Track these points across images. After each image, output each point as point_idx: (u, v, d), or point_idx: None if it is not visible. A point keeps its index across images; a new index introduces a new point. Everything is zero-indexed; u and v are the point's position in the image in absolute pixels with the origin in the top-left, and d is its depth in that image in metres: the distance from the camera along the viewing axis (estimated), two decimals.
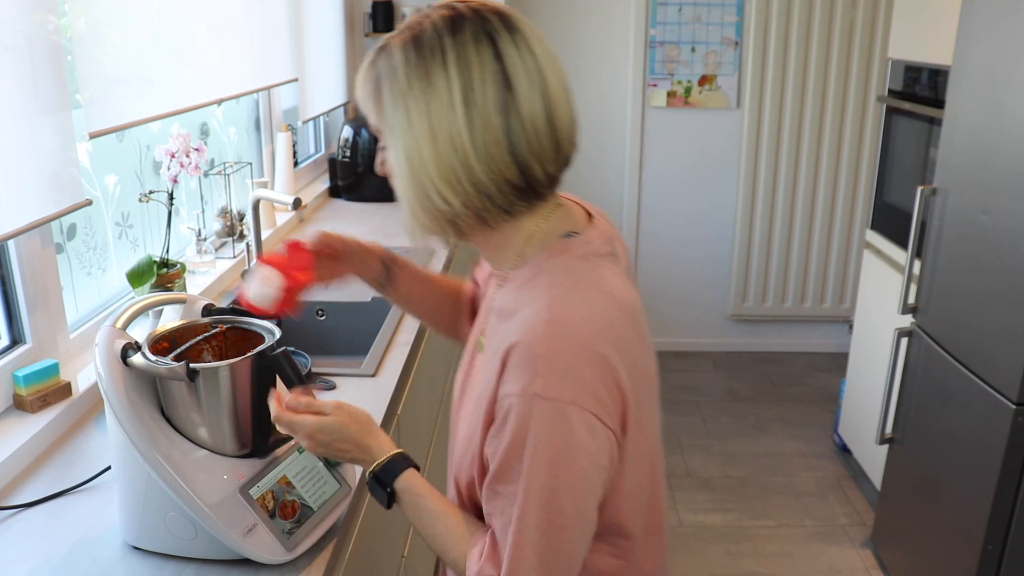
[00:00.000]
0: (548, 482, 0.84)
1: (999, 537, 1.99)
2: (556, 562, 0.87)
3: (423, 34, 0.86)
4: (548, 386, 0.83)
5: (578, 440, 0.84)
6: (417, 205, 0.90)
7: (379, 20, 3.57)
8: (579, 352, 0.84)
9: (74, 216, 1.70)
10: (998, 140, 1.98)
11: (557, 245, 0.94)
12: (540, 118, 0.87)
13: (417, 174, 0.87)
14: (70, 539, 1.18)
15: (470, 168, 0.86)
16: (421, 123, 0.86)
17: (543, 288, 0.90)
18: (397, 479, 0.98)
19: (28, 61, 1.34)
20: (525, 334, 0.85)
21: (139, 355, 1.09)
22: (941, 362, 2.22)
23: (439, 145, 0.85)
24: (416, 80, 0.85)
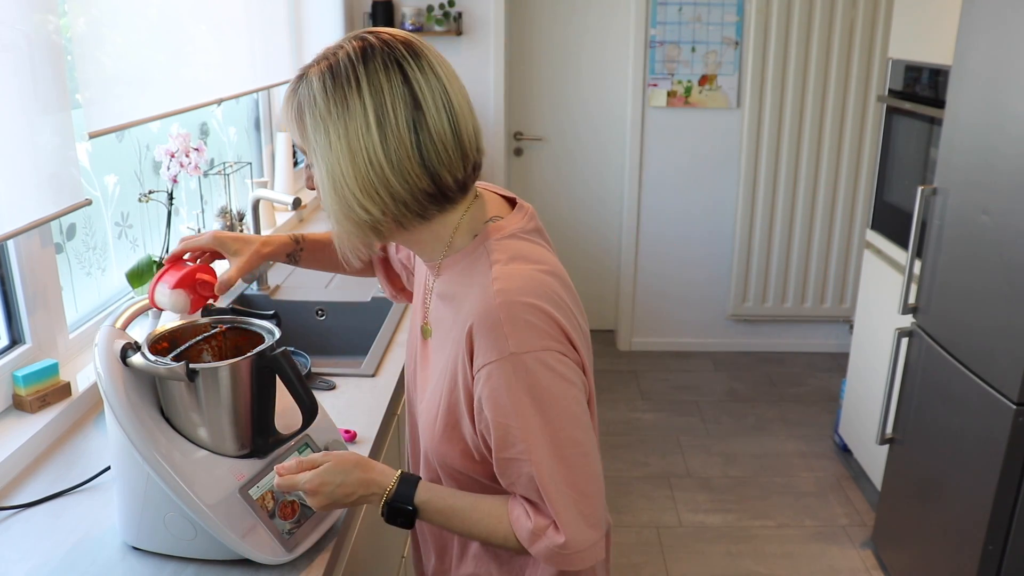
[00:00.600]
0: (548, 423, 0.96)
1: (999, 537, 1.99)
2: (589, 485, 0.99)
3: (338, 64, 0.95)
4: (520, 342, 0.94)
5: (558, 376, 0.96)
6: (342, 216, 0.98)
7: (379, 20, 3.57)
8: (530, 310, 0.96)
9: (74, 216, 1.69)
10: (998, 140, 1.98)
11: (487, 229, 1.04)
12: (447, 132, 0.97)
13: (340, 189, 0.96)
14: (70, 539, 1.18)
15: (386, 181, 0.95)
16: (340, 144, 0.95)
17: (484, 267, 1.00)
18: (415, 497, 1.03)
19: (28, 61, 1.34)
20: (482, 308, 0.96)
21: (139, 355, 1.09)
22: (941, 362, 2.22)
23: (358, 162, 0.94)
24: (334, 106, 0.94)
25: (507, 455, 0.97)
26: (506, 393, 0.95)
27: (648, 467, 3.23)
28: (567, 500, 0.97)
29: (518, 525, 1.00)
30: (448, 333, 1.03)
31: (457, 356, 0.99)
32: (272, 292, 2.18)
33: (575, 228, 4.16)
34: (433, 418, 1.05)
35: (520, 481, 0.98)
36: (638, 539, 2.80)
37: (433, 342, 1.09)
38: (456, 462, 1.05)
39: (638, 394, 3.81)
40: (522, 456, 0.96)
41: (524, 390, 0.94)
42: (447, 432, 1.04)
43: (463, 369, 0.99)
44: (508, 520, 1.01)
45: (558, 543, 0.97)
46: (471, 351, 0.97)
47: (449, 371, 1.02)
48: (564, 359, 0.97)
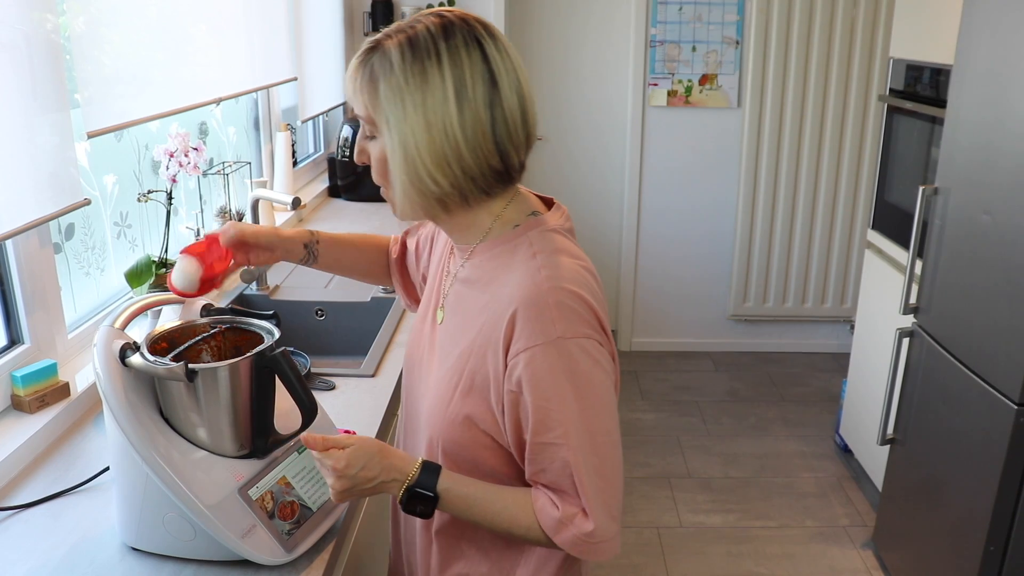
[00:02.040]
0: (584, 409, 0.97)
1: (1001, 538, 1.99)
2: (616, 477, 1.00)
3: (418, 36, 0.97)
4: (566, 328, 0.96)
5: (596, 364, 0.98)
6: (409, 185, 1.00)
7: (379, 19, 3.56)
8: (576, 299, 0.98)
9: (72, 216, 1.69)
10: (1000, 139, 1.97)
11: (528, 222, 1.06)
12: (517, 112, 1.00)
13: (411, 159, 0.98)
14: (68, 540, 1.18)
15: (460, 154, 0.98)
16: (416, 114, 0.96)
17: (526, 256, 1.02)
18: (437, 483, 1.02)
19: (26, 60, 1.34)
20: (529, 292, 0.97)
21: (138, 355, 1.09)
22: (943, 362, 2.22)
23: (433, 134, 0.96)
24: (412, 77, 0.96)
25: (543, 439, 0.97)
26: (550, 376, 0.96)
27: (648, 467, 3.22)
28: (597, 488, 0.97)
29: (544, 515, 1.00)
30: (474, 317, 1.04)
31: (487, 340, 1.00)
32: (271, 292, 2.17)
33: (575, 228, 4.15)
34: (446, 401, 1.05)
35: (552, 467, 0.98)
36: (638, 539, 2.80)
37: (448, 326, 1.10)
38: (466, 449, 1.05)
39: (638, 394, 3.81)
40: (559, 440, 0.97)
41: (566, 375, 0.96)
42: (461, 416, 1.03)
43: (493, 353, 0.99)
44: (532, 509, 1.01)
45: (586, 531, 0.97)
46: (510, 335, 0.97)
47: (474, 354, 1.02)
48: (602, 348, 1.00)
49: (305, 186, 3.27)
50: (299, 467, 1.20)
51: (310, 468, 1.21)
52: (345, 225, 2.86)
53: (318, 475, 1.22)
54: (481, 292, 1.05)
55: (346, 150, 3.16)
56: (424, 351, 1.14)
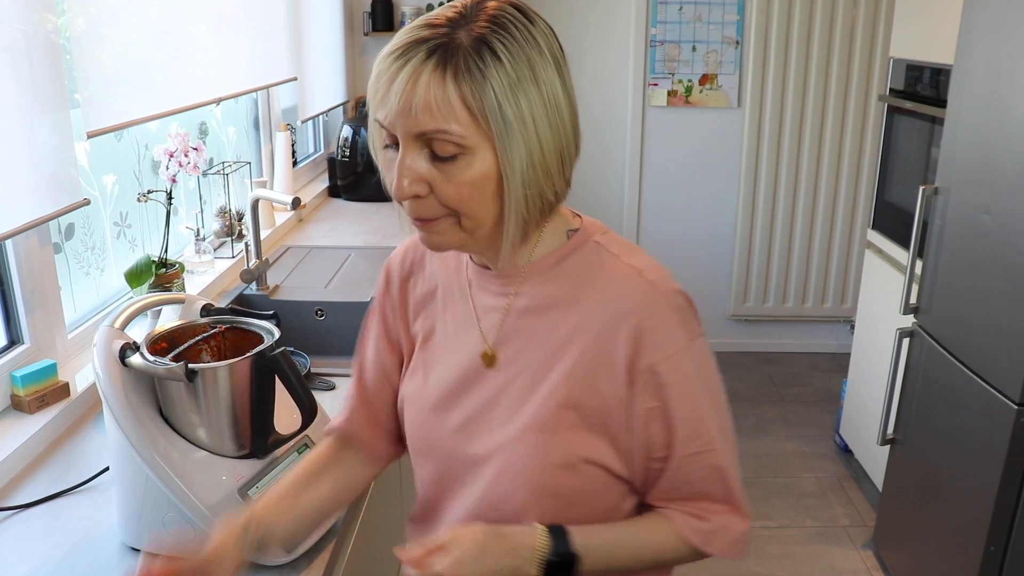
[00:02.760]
0: (718, 406, 0.92)
1: (1001, 538, 1.99)
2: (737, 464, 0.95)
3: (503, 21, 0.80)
4: (692, 329, 0.90)
5: (712, 360, 0.93)
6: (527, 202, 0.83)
7: (378, 19, 3.56)
8: (683, 297, 0.91)
9: (72, 216, 1.69)
10: (1000, 139, 1.97)
11: (584, 226, 0.95)
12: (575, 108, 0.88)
13: (537, 165, 0.82)
14: (68, 540, 1.18)
15: (572, 150, 0.86)
16: (536, 109, 0.80)
17: (610, 261, 0.91)
18: (573, 543, 0.88)
19: (26, 60, 1.34)
20: (647, 301, 0.88)
21: (137, 355, 1.09)
22: (943, 362, 2.22)
23: (555, 130, 0.82)
24: (521, 66, 0.80)
25: (692, 449, 0.90)
26: (692, 383, 0.89)
27: None
28: (738, 483, 0.94)
29: (691, 532, 0.92)
30: (564, 345, 0.89)
31: (595, 364, 0.88)
32: (271, 292, 2.17)
33: None
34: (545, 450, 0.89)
35: (698, 476, 0.92)
36: None
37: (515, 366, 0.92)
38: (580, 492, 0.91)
39: None
40: (708, 447, 0.91)
41: (702, 378, 0.91)
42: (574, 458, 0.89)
43: (608, 375, 0.88)
44: (673, 532, 0.93)
45: (742, 530, 0.94)
46: (634, 350, 0.87)
47: (576, 385, 0.88)
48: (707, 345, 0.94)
49: (305, 186, 3.27)
50: None
51: None
52: (345, 225, 2.86)
53: None
54: (564, 315, 0.90)
55: (346, 150, 3.16)
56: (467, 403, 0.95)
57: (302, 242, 2.65)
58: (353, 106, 3.54)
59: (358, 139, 3.15)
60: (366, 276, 2.31)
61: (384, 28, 3.57)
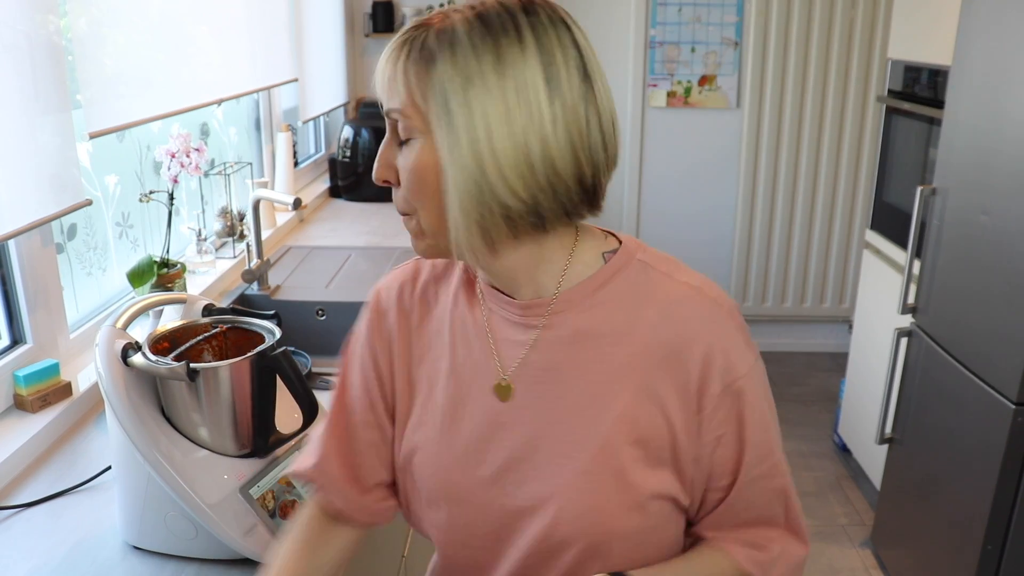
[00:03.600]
0: (777, 429, 0.88)
1: (999, 537, 1.99)
2: None
3: (488, 11, 0.76)
4: (751, 349, 0.86)
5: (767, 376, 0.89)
6: (473, 203, 0.76)
7: (379, 20, 3.57)
8: (738, 314, 0.87)
9: (74, 216, 1.70)
10: (998, 140, 1.98)
11: (627, 245, 0.88)
12: (610, 119, 0.80)
13: (481, 162, 0.74)
14: (70, 539, 1.18)
15: (549, 157, 0.75)
16: (491, 102, 0.74)
17: (662, 282, 0.85)
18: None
19: (28, 61, 1.34)
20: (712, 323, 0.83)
21: (139, 355, 1.09)
22: (941, 362, 2.22)
23: (515, 128, 0.74)
24: (485, 54, 0.74)
25: (758, 472, 0.86)
26: (763, 402, 0.86)
27: None
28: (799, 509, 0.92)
29: (752, 564, 0.87)
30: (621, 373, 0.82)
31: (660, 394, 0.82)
32: (272, 292, 2.18)
33: None
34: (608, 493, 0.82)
35: (761, 500, 0.87)
36: None
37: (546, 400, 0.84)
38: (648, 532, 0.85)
39: None
40: (773, 469, 0.87)
41: (766, 399, 0.87)
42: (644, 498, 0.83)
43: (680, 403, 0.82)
44: (732, 566, 0.87)
45: (802, 554, 0.91)
46: (706, 374, 0.81)
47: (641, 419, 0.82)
48: None
49: (306, 187, 3.28)
50: None
51: None
52: (345, 225, 2.86)
53: None
54: (616, 345, 0.83)
55: (347, 151, 3.17)
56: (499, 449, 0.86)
57: (303, 242, 2.66)
58: (354, 107, 3.55)
59: (359, 140, 3.15)
60: (367, 276, 2.31)
61: (385, 29, 3.57)
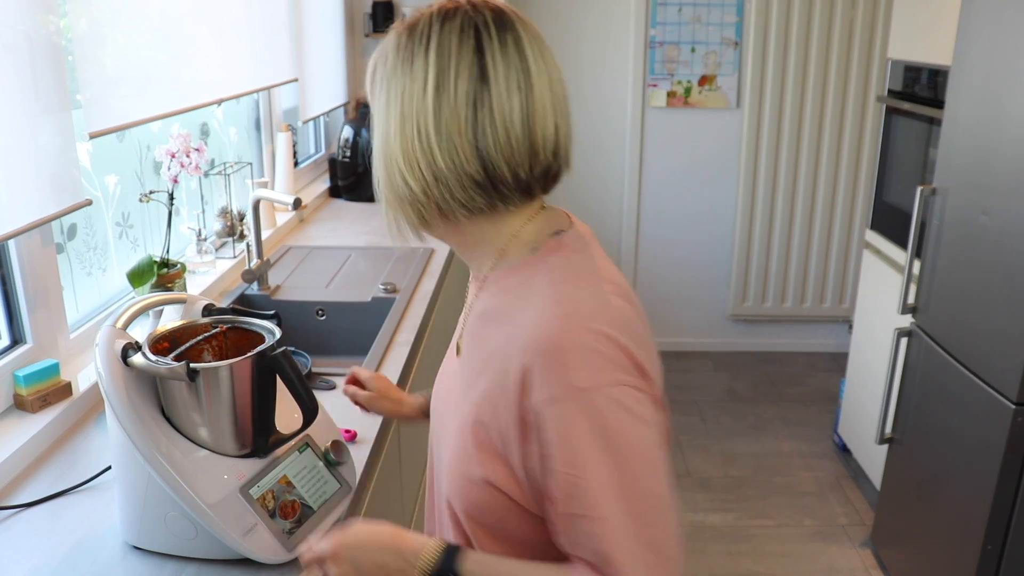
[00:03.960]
0: (622, 474, 0.80)
1: (999, 537, 1.99)
2: (668, 546, 0.82)
3: (418, 21, 0.88)
4: (586, 376, 0.80)
5: (632, 416, 0.81)
6: (385, 185, 0.91)
7: (379, 20, 3.57)
8: (597, 337, 0.82)
9: (74, 216, 1.70)
10: (998, 140, 1.98)
11: (550, 243, 0.91)
12: (515, 119, 0.85)
13: (386, 155, 0.89)
14: (70, 539, 1.19)
15: (431, 154, 0.85)
16: (396, 105, 0.87)
17: (543, 286, 0.87)
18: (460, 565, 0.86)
19: (28, 61, 1.34)
20: (540, 334, 0.82)
21: (139, 355, 1.09)
22: (941, 362, 2.22)
23: (406, 128, 0.86)
24: (400, 64, 0.88)
25: (570, 510, 0.81)
26: (573, 438, 0.80)
27: None
28: (640, 565, 0.79)
29: None
30: (488, 359, 0.88)
31: (501, 389, 0.84)
32: (272, 292, 2.18)
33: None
34: (461, 457, 0.89)
35: (587, 543, 0.81)
36: None
37: (467, 365, 0.95)
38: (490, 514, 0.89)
39: None
40: (588, 513, 0.80)
41: (593, 434, 0.79)
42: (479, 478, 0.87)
43: (505, 407, 0.84)
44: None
45: None
46: (524, 387, 0.82)
47: (486, 404, 0.86)
48: (639, 395, 0.83)
49: (306, 187, 3.28)
50: (300, 466, 1.21)
51: (311, 467, 1.22)
52: (345, 226, 2.87)
53: (319, 475, 1.22)
54: (497, 330, 0.89)
55: (347, 151, 3.17)
56: (449, 385, 1.00)
57: (303, 242, 2.66)
58: (354, 107, 3.55)
59: (359, 140, 3.16)
60: (367, 276, 2.31)
61: (385, 29, 3.57)
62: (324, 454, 1.25)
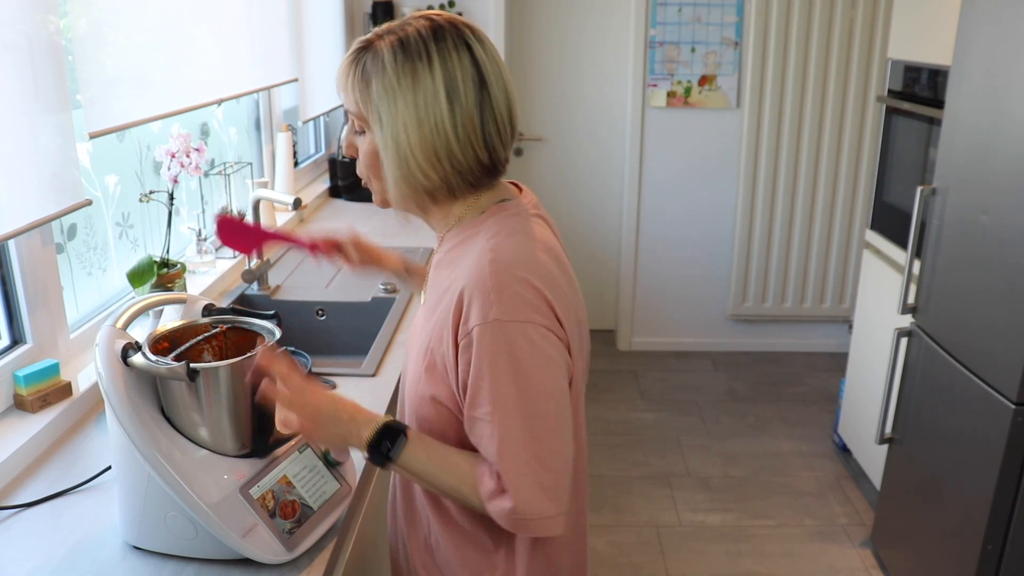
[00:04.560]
0: (520, 392, 0.99)
1: (998, 537, 1.99)
2: (553, 460, 1.01)
3: (408, 38, 1.03)
4: (504, 311, 0.98)
5: (539, 350, 0.99)
6: (401, 179, 1.06)
7: (379, 20, 3.57)
8: (520, 282, 1.00)
9: (74, 216, 1.70)
10: (998, 140, 1.98)
11: (493, 208, 1.10)
12: (504, 111, 1.06)
13: (403, 154, 1.04)
14: (70, 539, 1.19)
15: (450, 149, 1.03)
16: (408, 112, 1.02)
17: (483, 239, 1.06)
18: (408, 428, 1.06)
19: (29, 61, 1.34)
20: (475, 274, 1.01)
21: (139, 355, 1.09)
22: (941, 362, 2.22)
23: (424, 130, 1.02)
24: (404, 77, 1.02)
25: (474, 414, 1.01)
26: (484, 356, 0.98)
27: (648, 467, 3.23)
28: (524, 469, 0.99)
29: (482, 482, 1.02)
30: (440, 298, 1.08)
31: (444, 321, 1.03)
32: (272, 292, 2.18)
33: (575, 228, 4.16)
34: (415, 381, 1.10)
35: (482, 442, 1.02)
36: (638, 539, 2.80)
37: (426, 308, 1.15)
38: (434, 425, 1.09)
39: (638, 394, 3.82)
40: (487, 418, 0.99)
41: (502, 356, 0.98)
42: (428, 395, 1.07)
43: (448, 333, 1.02)
44: (474, 473, 1.03)
45: (506, 507, 1.00)
46: (458, 316, 1.01)
47: (434, 335, 1.05)
48: (548, 334, 1.01)
49: (306, 187, 3.28)
50: (300, 466, 1.21)
51: (311, 467, 1.22)
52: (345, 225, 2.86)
53: (319, 474, 1.22)
54: (446, 275, 1.09)
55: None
56: (416, 330, 1.19)
57: None
58: None
59: None
60: (366, 276, 2.31)
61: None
62: (324, 454, 1.25)
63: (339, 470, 1.26)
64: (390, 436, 1.04)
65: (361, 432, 1.05)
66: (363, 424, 1.05)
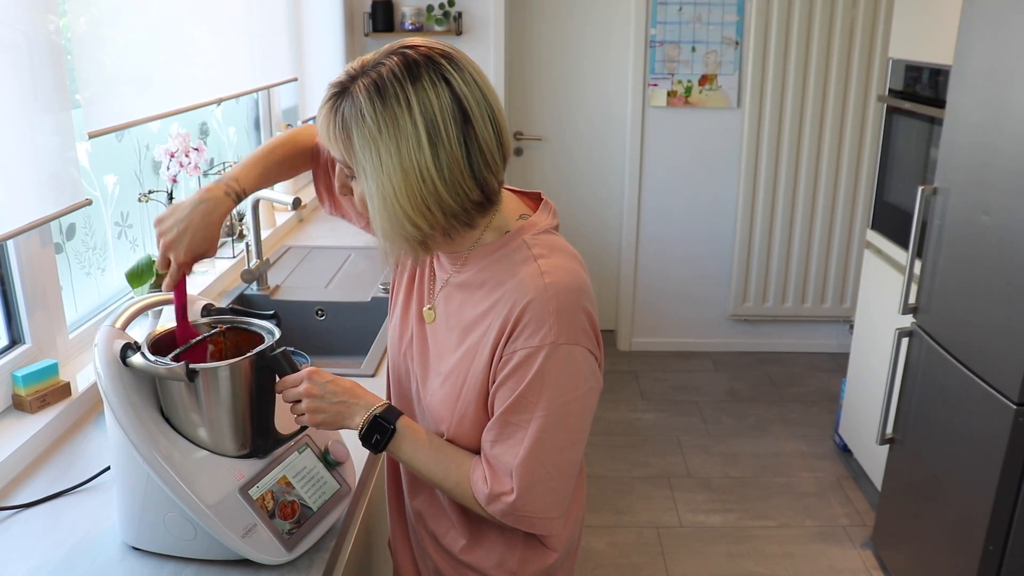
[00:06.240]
0: (560, 408, 1.03)
1: (1000, 537, 1.99)
2: (568, 468, 1.07)
3: (383, 80, 0.97)
4: (560, 334, 1.01)
5: (582, 371, 1.04)
6: (391, 231, 1.01)
7: (379, 20, 3.57)
8: (574, 305, 1.03)
9: (73, 216, 1.69)
10: (999, 139, 1.97)
11: (520, 226, 1.09)
12: (492, 139, 1.01)
13: (390, 206, 0.99)
14: (69, 539, 1.18)
15: (438, 196, 0.98)
16: (392, 162, 0.97)
17: (525, 259, 1.05)
18: (399, 419, 1.10)
19: (28, 61, 1.34)
20: (535, 296, 1.01)
21: (138, 355, 1.09)
22: (942, 362, 2.22)
23: (410, 180, 0.97)
24: (384, 125, 0.96)
25: (511, 419, 1.04)
26: (538, 373, 1.01)
27: (648, 467, 3.23)
28: (542, 473, 1.04)
29: (476, 486, 1.07)
30: (479, 320, 1.07)
31: (493, 337, 1.04)
32: (272, 292, 2.18)
33: (575, 228, 4.16)
34: (454, 397, 1.10)
35: (504, 443, 1.05)
36: (638, 539, 2.80)
37: (444, 326, 1.13)
38: (473, 435, 1.10)
39: (638, 394, 3.81)
40: (523, 425, 1.03)
41: (551, 376, 1.02)
42: (471, 410, 1.09)
43: (495, 346, 1.04)
44: (467, 473, 1.09)
45: (509, 502, 1.05)
46: (512, 331, 1.02)
47: (480, 352, 1.06)
48: (589, 356, 1.05)
49: (306, 186, 3.28)
50: (300, 467, 1.20)
51: (311, 468, 1.22)
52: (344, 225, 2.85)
53: (319, 475, 1.22)
54: (485, 296, 1.08)
55: None
56: (414, 349, 1.18)
57: (302, 242, 2.66)
58: None
59: None
60: (366, 276, 2.31)
61: (384, 29, 3.57)
62: (323, 454, 1.25)
63: (339, 470, 1.26)
64: (380, 430, 1.08)
65: (355, 416, 1.09)
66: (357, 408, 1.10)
